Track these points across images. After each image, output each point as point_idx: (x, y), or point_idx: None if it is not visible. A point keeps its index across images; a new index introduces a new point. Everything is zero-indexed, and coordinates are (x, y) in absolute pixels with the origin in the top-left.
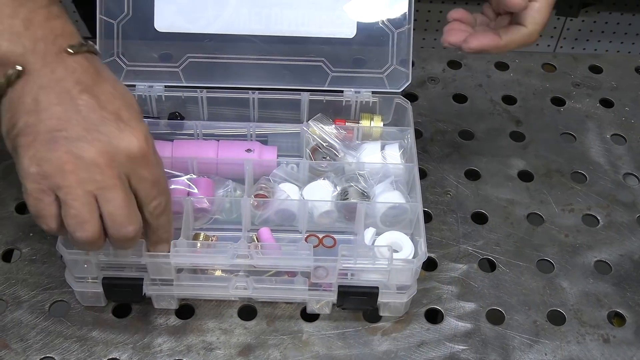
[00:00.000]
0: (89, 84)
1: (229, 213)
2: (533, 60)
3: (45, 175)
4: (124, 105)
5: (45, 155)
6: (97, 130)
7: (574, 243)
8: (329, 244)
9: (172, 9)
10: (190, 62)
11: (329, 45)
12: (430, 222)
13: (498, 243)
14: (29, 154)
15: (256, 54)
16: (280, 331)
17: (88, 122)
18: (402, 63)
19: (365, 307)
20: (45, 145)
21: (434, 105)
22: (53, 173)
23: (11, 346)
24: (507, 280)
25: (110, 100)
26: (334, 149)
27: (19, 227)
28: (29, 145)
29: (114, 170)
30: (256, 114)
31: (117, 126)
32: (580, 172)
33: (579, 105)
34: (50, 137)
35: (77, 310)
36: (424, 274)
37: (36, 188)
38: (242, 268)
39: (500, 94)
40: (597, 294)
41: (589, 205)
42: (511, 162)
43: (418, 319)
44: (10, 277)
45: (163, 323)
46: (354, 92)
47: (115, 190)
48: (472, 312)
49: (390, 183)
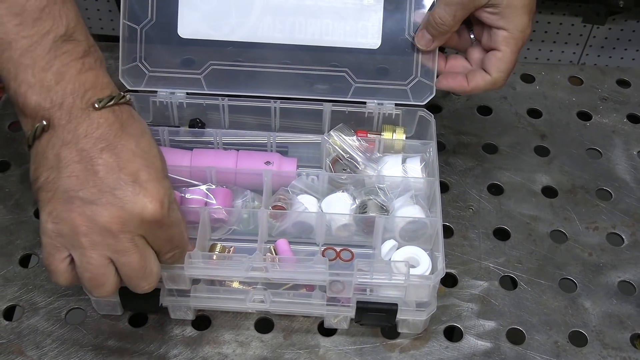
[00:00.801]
0: (111, 141)
1: (246, 224)
2: (560, 73)
3: (61, 233)
4: (144, 165)
5: (61, 214)
6: (112, 193)
7: (597, 262)
8: (347, 258)
9: (196, 15)
10: (212, 69)
11: (353, 56)
12: (452, 237)
13: (520, 260)
14: (47, 209)
15: (279, 62)
16: (297, 345)
17: (104, 184)
18: (426, 75)
19: (384, 323)
20: (62, 204)
21: (457, 117)
22: (68, 233)
23: (26, 353)
24: (529, 298)
25: (130, 159)
26: (355, 160)
27: (37, 232)
28: (48, 201)
29: (127, 235)
30: (277, 123)
31: (132, 189)
32: (606, 189)
33: (605, 120)
34: (67, 196)
35: (94, 319)
36: (444, 290)
37: (50, 243)
38: (259, 280)
39: (526, 107)
40: (620, 316)
41: (613, 223)
42: (535, 177)
43: (437, 336)
44: (28, 283)
45: (179, 334)
46: (376, 103)
47: (129, 255)
48: (492, 330)
49: (410, 197)
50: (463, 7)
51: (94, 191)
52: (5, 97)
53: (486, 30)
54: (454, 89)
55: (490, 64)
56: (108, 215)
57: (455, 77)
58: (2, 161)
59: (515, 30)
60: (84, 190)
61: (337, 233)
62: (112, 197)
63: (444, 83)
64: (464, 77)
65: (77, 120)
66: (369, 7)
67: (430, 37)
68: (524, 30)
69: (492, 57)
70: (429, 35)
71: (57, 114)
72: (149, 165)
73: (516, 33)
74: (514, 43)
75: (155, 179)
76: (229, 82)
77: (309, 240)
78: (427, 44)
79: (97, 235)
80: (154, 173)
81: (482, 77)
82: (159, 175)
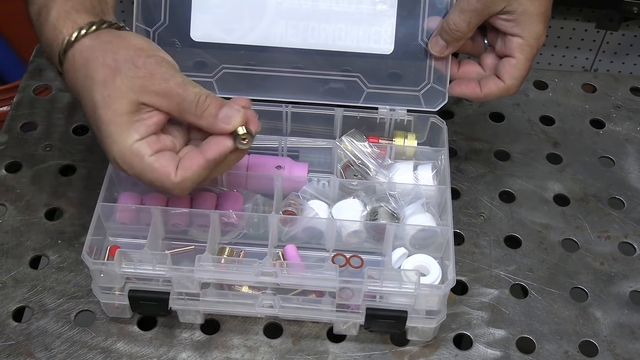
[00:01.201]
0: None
1: (256, 228)
2: (573, 80)
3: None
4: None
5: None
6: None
7: (609, 271)
8: (356, 264)
9: (209, 19)
10: (224, 72)
11: (365, 61)
12: (462, 245)
13: (531, 269)
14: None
15: (291, 67)
16: (306, 351)
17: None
18: (438, 81)
19: (393, 330)
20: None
21: (469, 123)
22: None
23: (35, 354)
24: (539, 307)
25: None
26: (366, 167)
27: (48, 233)
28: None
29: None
30: (289, 128)
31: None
32: (618, 197)
33: (618, 128)
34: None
35: (103, 321)
36: (454, 297)
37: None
38: (269, 285)
39: (538, 114)
40: (631, 326)
41: (626, 232)
42: (547, 185)
43: (446, 344)
44: (37, 284)
45: (188, 337)
46: (388, 109)
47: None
48: (502, 339)
49: (422, 205)
50: (478, 14)
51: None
52: (19, 98)
53: (500, 36)
54: (466, 95)
55: (504, 71)
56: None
57: (468, 83)
58: (13, 162)
59: (530, 37)
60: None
61: (347, 239)
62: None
63: (456, 89)
64: (477, 84)
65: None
66: (382, 12)
67: (444, 44)
68: (539, 37)
69: (505, 64)
70: (443, 42)
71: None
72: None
73: (531, 40)
74: (528, 50)
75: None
76: (241, 86)
77: (319, 245)
78: (441, 50)
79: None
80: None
81: (496, 83)
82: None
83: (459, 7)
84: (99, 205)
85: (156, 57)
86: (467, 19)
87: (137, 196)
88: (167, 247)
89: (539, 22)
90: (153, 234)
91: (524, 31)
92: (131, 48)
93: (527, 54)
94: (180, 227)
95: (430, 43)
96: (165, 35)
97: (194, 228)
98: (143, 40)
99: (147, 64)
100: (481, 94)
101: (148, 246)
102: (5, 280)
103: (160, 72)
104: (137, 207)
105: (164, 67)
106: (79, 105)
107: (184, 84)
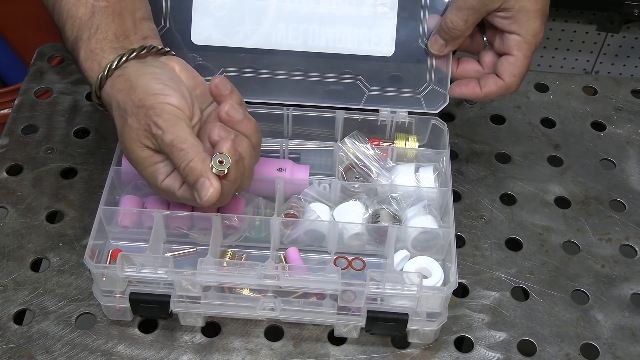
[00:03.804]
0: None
1: (258, 231)
2: (574, 82)
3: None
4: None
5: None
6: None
7: (610, 274)
8: (358, 267)
9: (210, 22)
10: (225, 75)
11: (366, 63)
12: (463, 247)
13: (532, 271)
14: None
15: (292, 69)
16: (307, 354)
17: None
18: (439, 83)
19: (394, 333)
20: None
21: (470, 125)
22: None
23: (36, 357)
24: (540, 310)
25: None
26: (368, 169)
27: (49, 236)
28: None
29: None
30: (290, 130)
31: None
32: (620, 200)
33: (619, 130)
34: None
35: (103, 324)
36: (455, 300)
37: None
38: (270, 288)
39: (539, 117)
40: (632, 328)
41: (627, 235)
42: (548, 187)
43: (447, 347)
44: (38, 287)
45: (189, 340)
46: (389, 111)
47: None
48: (503, 342)
49: (423, 207)
50: (475, 11)
51: None
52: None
53: (498, 34)
54: (467, 95)
55: (503, 69)
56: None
57: (468, 83)
58: (14, 165)
59: (528, 34)
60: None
61: (349, 242)
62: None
63: (456, 90)
64: (477, 83)
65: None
66: (382, 15)
67: (443, 42)
68: (537, 34)
69: (504, 62)
70: (442, 40)
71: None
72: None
73: (528, 37)
74: (526, 47)
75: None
76: (241, 89)
77: (321, 248)
78: (440, 48)
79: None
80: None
81: (495, 82)
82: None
83: (456, 5)
84: (101, 209)
85: (154, 109)
86: (464, 17)
87: (138, 199)
88: (168, 250)
89: (536, 19)
90: (155, 237)
91: (521, 28)
92: (136, 98)
93: (526, 51)
94: (182, 230)
95: (429, 42)
96: (166, 39)
97: (195, 231)
98: (154, 82)
99: (146, 116)
100: (481, 93)
101: (150, 249)
102: (6, 283)
103: (155, 128)
104: (138, 210)
105: (160, 120)
106: (79, 108)
107: (172, 145)
